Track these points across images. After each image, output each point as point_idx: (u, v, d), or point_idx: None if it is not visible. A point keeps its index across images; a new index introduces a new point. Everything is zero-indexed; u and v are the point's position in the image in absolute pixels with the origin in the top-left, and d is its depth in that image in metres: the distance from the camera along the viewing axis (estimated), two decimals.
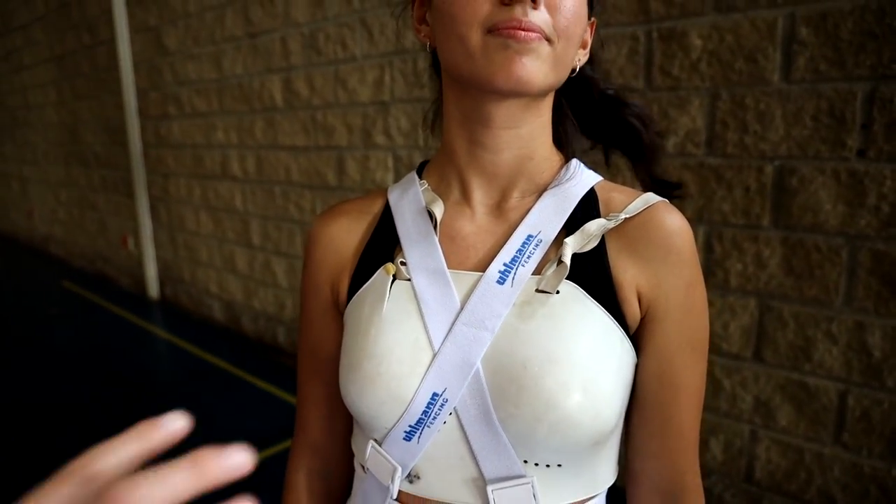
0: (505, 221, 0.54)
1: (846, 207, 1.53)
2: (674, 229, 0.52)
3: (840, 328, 1.58)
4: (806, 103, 1.55)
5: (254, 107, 3.35)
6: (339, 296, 0.59)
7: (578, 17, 0.48)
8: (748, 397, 1.77)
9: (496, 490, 0.49)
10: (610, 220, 0.51)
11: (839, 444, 1.63)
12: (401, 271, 0.54)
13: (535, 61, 0.46)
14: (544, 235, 0.52)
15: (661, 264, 0.51)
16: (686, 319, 0.52)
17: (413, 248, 0.54)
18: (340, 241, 0.59)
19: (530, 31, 0.45)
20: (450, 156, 0.56)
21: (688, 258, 0.52)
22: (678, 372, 0.52)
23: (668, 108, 1.78)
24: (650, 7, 1.78)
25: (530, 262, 0.51)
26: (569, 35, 0.48)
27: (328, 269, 0.59)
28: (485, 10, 0.46)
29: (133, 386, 3.13)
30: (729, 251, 1.74)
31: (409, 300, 0.52)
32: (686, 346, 0.53)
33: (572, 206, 0.53)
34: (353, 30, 2.72)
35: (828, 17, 1.49)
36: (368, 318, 0.53)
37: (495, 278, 0.51)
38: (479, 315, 0.50)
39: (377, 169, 2.76)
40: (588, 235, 0.51)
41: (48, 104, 5.77)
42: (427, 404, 0.50)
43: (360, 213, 0.60)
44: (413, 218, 0.56)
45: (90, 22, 4.70)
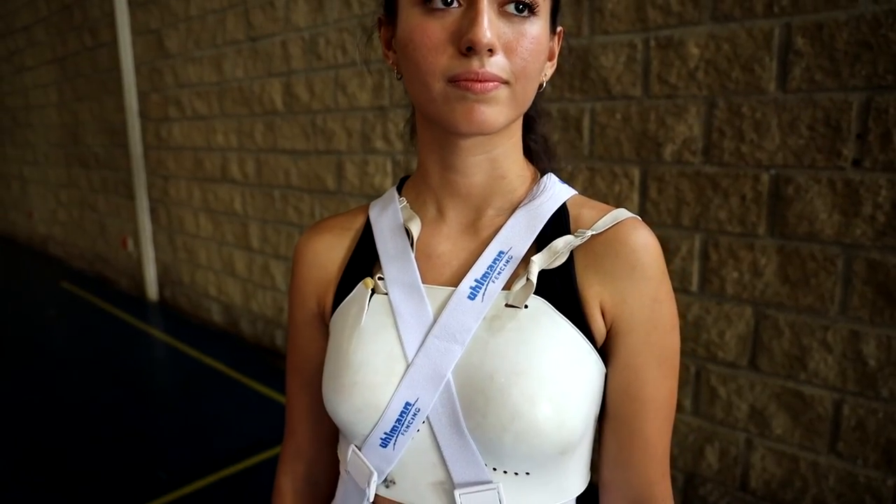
0: (477, 238, 0.56)
1: (842, 216, 1.53)
2: (639, 245, 0.53)
3: (835, 337, 1.58)
4: (802, 113, 1.56)
5: (254, 110, 3.36)
6: (324, 309, 0.62)
7: (537, 52, 0.50)
8: (743, 405, 1.77)
9: (463, 494, 0.52)
10: (577, 236, 0.53)
11: (834, 454, 1.63)
12: (378, 286, 0.56)
13: (493, 107, 0.48)
14: (515, 252, 0.54)
15: (625, 280, 0.52)
16: (652, 335, 0.53)
17: (390, 263, 0.57)
18: (325, 256, 0.61)
19: (487, 81, 0.47)
20: (424, 176, 0.58)
21: (653, 274, 0.53)
22: (644, 386, 0.54)
23: (665, 117, 1.79)
24: (648, 16, 1.79)
25: (500, 277, 0.53)
26: (527, 73, 0.49)
27: (313, 284, 0.62)
28: (444, 61, 0.48)
29: (131, 388, 3.13)
30: (725, 259, 1.74)
31: (385, 313, 0.55)
32: (653, 360, 0.54)
33: (543, 223, 0.55)
34: (354, 35, 2.73)
35: (823, 28, 1.49)
36: (349, 330, 0.56)
37: (466, 294, 0.53)
38: (450, 329, 0.52)
39: (376, 173, 2.77)
40: (555, 252, 0.53)
41: (49, 105, 5.79)
42: (400, 413, 0.52)
43: (342, 230, 0.62)
44: (391, 235, 0.58)
45: (92, 24, 4.71)
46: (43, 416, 2.80)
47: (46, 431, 2.65)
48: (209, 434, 2.61)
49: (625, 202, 1.91)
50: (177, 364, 3.58)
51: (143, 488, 2.18)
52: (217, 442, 2.52)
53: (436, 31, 0.48)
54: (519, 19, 0.48)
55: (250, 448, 2.43)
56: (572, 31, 1.94)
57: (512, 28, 0.48)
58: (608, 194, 1.94)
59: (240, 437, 2.54)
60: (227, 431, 2.62)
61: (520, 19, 0.48)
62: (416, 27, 0.48)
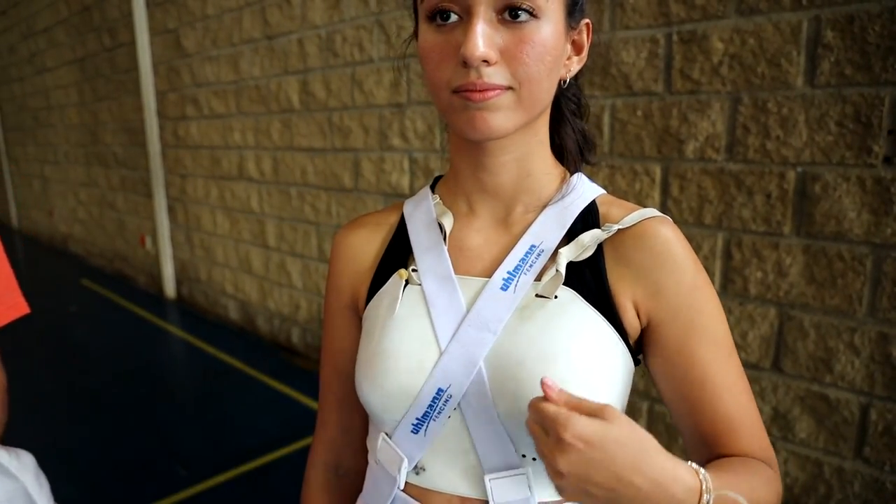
0: (509, 234, 0.58)
1: (871, 216, 1.49)
2: (667, 237, 0.55)
3: (863, 339, 1.54)
4: (830, 108, 1.52)
5: (271, 108, 3.37)
6: (358, 300, 0.64)
7: (541, 55, 0.50)
8: (766, 408, 1.74)
9: (493, 479, 0.53)
10: (604, 230, 0.55)
11: (860, 459, 1.58)
12: (412, 277, 0.58)
13: (495, 113, 0.50)
14: (545, 246, 0.56)
15: (658, 272, 0.54)
16: (697, 320, 0.54)
17: (424, 256, 0.59)
18: (360, 250, 0.64)
19: (487, 90, 0.49)
20: (456, 176, 0.61)
21: (686, 263, 0.54)
22: (705, 367, 0.54)
23: (688, 113, 1.76)
24: (670, 10, 1.75)
25: (532, 270, 0.55)
26: (532, 77, 0.50)
27: (349, 277, 0.64)
28: (448, 73, 0.51)
29: (149, 383, 3.16)
30: (749, 259, 1.71)
31: (419, 303, 0.57)
32: (705, 343, 0.54)
33: (572, 219, 0.57)
34: (370, 32, 2.72)
35: (855, 20, 1.45)
36: (383, 319, 0.58)
37: (499, 285, 0.55)
38: (483, 318, 0.54)
39: (393, 171, 2.76)
40: (583, 245, 0.55)
41: (69, 105, 5.87)
42: (433, 399, 0.54)
43: (377, 225, 0.65)
44: (425, 229, 0.60)
45: (111, 25, 4.77)
46: (63, 410, 2.83)
47: (66, 425, 2.68)
48: (226, 430, 2.62)
49: (646, 200, 1.88)
50: (194, 360, 3.61)
51: (162, 483, 2.20)
52: (234, 438, 2.53)
53: (440, 46, 0.51)
54: (518, 25, 0.49)
55: (267, 445, 2.43)
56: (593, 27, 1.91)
57: (512, 34, 0.49)
58: (628, 192, 1.91)
59: (256, 434, 2.54)
60: (243, 428, 2.63)
61: (519, 25, 0.49)
62: (426, 42, 0.52)
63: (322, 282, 3.26)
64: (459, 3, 0.49)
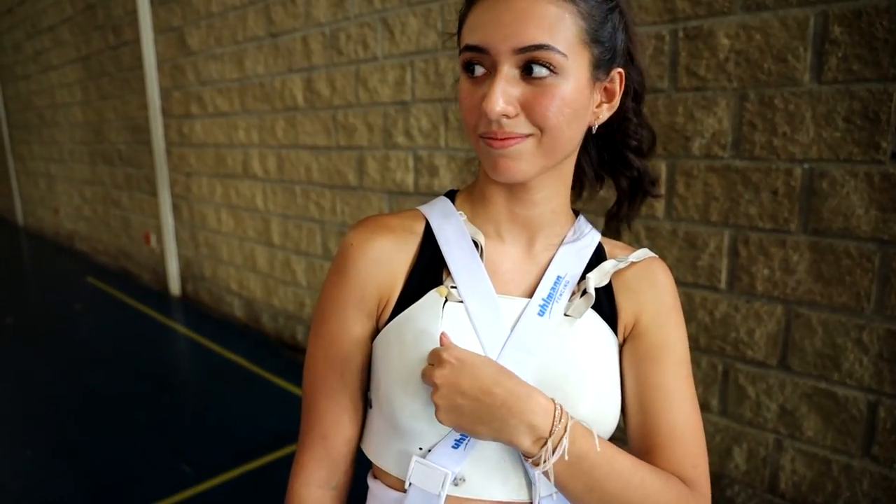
0: (535, 263, 0.64)
1: (879, 212, 1.48)
2: (662, 273, 0.66)
3: (871, 337, 1.53)
4: (838, 104, 1.51)
5: (275, 106, 3.37)
6: (382, 308, 0.62)
7: (562, 107, 0.54)
8: (773, 406, 1.73)
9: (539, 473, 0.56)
10: (620, 261, 0.64)
11: (868, 457, 1.58)
12: (452, 294, 0.60)
13: (517, 160, 0.55)
14: (570, 277, 0.63)
15: (648, 293, 0.64)
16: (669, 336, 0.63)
17: (462, 273, 0.61)
18: (391, 257, 0.62)
19: (507, 138, 0.54)
20: (486, 202, 0.64)
21: (670, 291, 0.66)
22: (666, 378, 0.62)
23: (694, 109, 1.75)
24: (676, 6, 1.74)
25: (562, 298, 0.62)
26: (552, 126, 0.54)
27: (376, 283, 0.61)
28: (476, 120, 0.56)
29: (153, 381, 3.17)
30: (755, 256, 1.70)
31: (463, 321, 0.59)
32: (671, 358, 0.63)
33: (589, 254, 0.65)
34: (375, 30, 2.72)
35: (862, 15, 1.44)
36: (424, 333, 0.58)
37: (537, 311, 0.60)
38: (524, 342, 0.59)
39: (397, 169, 2.76)
40: (604, 273, 0.63)
41: (74, 104, 5.88)
42: None
43: (405, 233, 0.63)
44: (459, 245, 0.62)
45: (115, 23, 4.77)
46: (68, 408, 2.85)
47: (71, 423, 2.69)
48: (231, 428, 2.63)
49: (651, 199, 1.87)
50: (198, 358, 3.62)
51: (167, 481, 2.20)
52: (239, 436, 2.54)
53: (471, 94, 0.56)
54: (539, 80, 0.53)
55: (272, 443, 2.44)
56: None
57: (532, 89, 0.53)
58: None
59: (261, 432, 2.55)
60: (248, 426, 2.64)
61: (540, 80, 0.53)
62: (461, 89, 0.57)
63: None
64: (486, 59, 0.54)
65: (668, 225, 1.86)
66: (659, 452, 0.60)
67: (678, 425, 0.61)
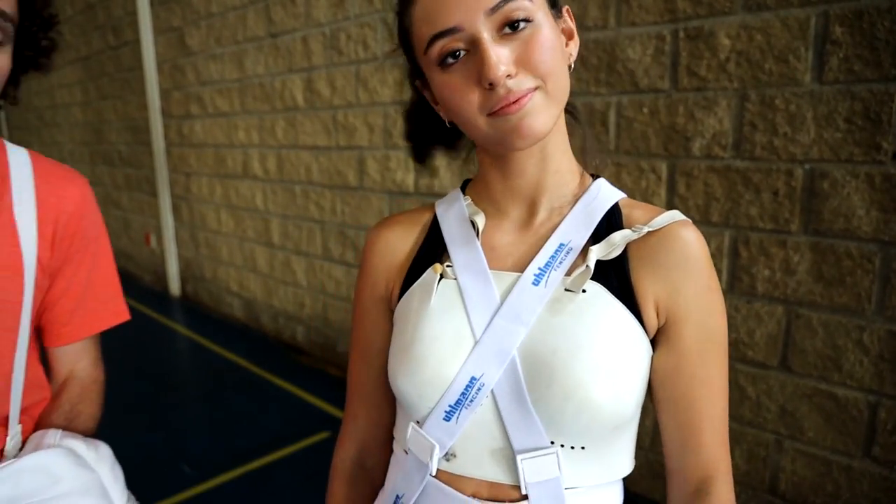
0: (535, 234, 0.62)
1: (880, 213, 1.48)
2: (690, 240, 0.58)
3: (872, 338, 1.53)
4: (839, 105, 1.51)
5: (275, 106, 3.37)
6: (392, 293, 0.67)
7: (549, 49, 0.54)
8: (773, 406, 1.73)
9: (525, 459, 0.56)
10: (635, 231, 0.58)
11: (869, 458, 1.57)
12: (447, 272, 0.61)
13: (536, 115, 0.54)
14: (574, 244, 0.59)
15: (679, 271, 0.57)
16: (708, 320, 0.58)
17: (458, 251, 0.62)
18: (395, 246, 0.67)
19: (520, 98, 0.53)
20: (486, 184, 0.65)
21: (704, 265, 0.58)
22: (708, 368, 0.58)
23: (694, 110, 1.75)
24: (677, 6, 1.74)
25: (561, 266, 0.58)
26: (551, 70, 0.54)
27: (383, 271, 0.67)
28: (477, 100, 0.54)
29: (153, 381, 3.17)
30: (756, 257, 1.70)
31: (454, 296, 0.60)
32: (712, 344, 0.58)
33: (598, 219, 0.60)
34: (375, 30, 2.72)
35: (863, 16, 1.44)
36: (417, 310, 0.61)
37: (531, 280, 0.58)
38: (516, 311, 0.57)
39: (398, 169, 2.75)
40: (612, 244, 0.58)
41: (74, 104, 5.88)
42: (466, 386, 0.56)
43: (411, 223, 0.68)
44: (458, 226, 0.64)
45: (115, 23, 4.77)
46: None
47: None
48: (231, 429, 2.62)
49: (652, 198, 1.87)
50: (198, 358, 3.61)
51: (167, 482, 2.20)
52: (239, 437, 2.53)
53: (460, 81, 0.54)
54: (519, 34, 0.53)
55: (271, 443, 2.43)
56: (598, 24, 1.90)
57: (517, 43, 0.53)
58: (635, 189, 1.90)
59: (261, 433, 2.55)
60: (248, 426, 2.64)
61: (520, 33, 0.53)
62: (443, 85, 0.55)
63: (326, 280, 3.26)
64: (461, 38, 0.53)
65: None
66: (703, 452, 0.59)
67: (717, 420, 0.59)
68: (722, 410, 0.59)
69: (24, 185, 0.78)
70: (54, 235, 0.79)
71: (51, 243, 0.79)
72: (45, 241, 0.78)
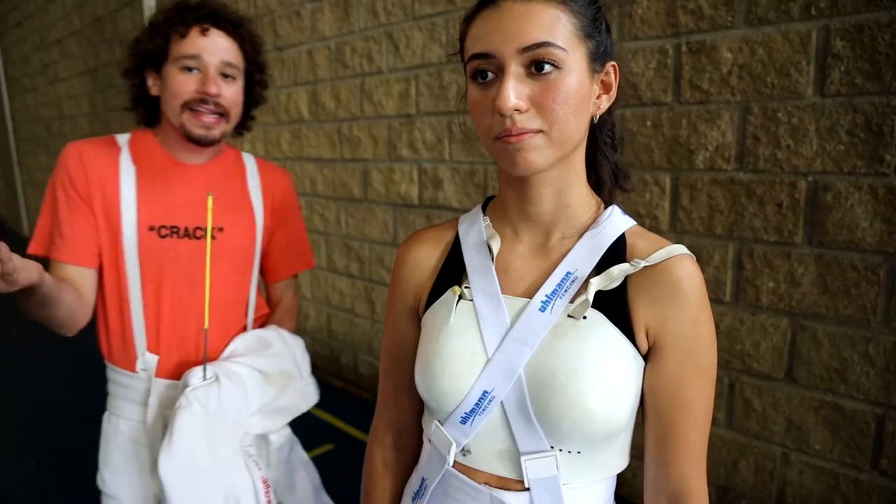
0: (547, 259, 0.68)
1: (884, 224, 1.48)
2: (684, 275, 0.63)
3: (878, 349, 1.53)
4: (841, 117, 1.51)
5: (280, 119, 3.39)
6: (420, 305, 0.75)
7: (565, 100, 0.59)
8: (780, 419, 1.72)
9: (528, 460, 0.64)
10: (633, 265, 0.63)
11: (877, 471, 1.57)
12: (465, 293, 0.68)
13: (531, 152, 0.60)
14: (579, 273, 0.65)
15: (668, 303, 0.63)
16: (693, 350, 0.63)
17: (475, 275, 0.69)
18: (422, 263, 0.75)
19: (521, 134, 0.59)
20: (504, 205, 0.71)
21: (693, 299, 0.63)
22: (686, 392, 0.64)
23: (697, 123, 1.76)
24: (679, 20, 1.76)
25: (567, 294, 0.64)
26: (560, 120, 0.59)
27: (412, 285, 0.75)
28: (489, 122, 0.60)
29: None
30: (760, 269, 1.70)
31: (470, 316, 0.67)
32: (693, 371, 0.64)
33: (603, 250, 0.65)
34: (379, 43, 2.74)
35: (864, 30, 1.45)
36: (438, 328, 0.68)
37: (538, 306, 0.64)
38: (523, 334, 0.64)
39: (402, 181, 2.77)
40: (611, 277, 0.63)
41: (81, 115, 5.93)
42: (479, 398, 0.64)
43: (436, 242, 0.75)
44: (476, 250, 0.70)
45: (122, 36, 4.82)
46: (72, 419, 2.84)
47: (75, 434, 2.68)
48: None
49: (655, 210, 1.88)
50: None
51: None
52: None
53: (482, 101, 0.61)
54: (544, 76, 0.58)
55: None
56: None
57: (539, 85, 0.58)
58: (638, 202, 1.91)
59: None
60: None
61: (545, 76, 0.58)
62: (472, 98, 0.63)
63: (331, 292, 3.27)
64: (493, 63, 0.59)
65: (672, 237, 1.86)
66: (674, 466, 0.65)
67: (697, 443, 0.65)
68: (697, 433, 0.64)
69: (253, 176, 1.21)
70: (272, 208, 1.21)
71: (270, 213, 1.21)
72: (267, 211, 1.20)
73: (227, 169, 1.18)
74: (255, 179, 1.20)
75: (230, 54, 1.08)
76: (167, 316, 1.10)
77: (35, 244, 1.09)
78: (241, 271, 1.16)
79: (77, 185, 1.06)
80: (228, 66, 1.08)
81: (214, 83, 1.05)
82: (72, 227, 1.06)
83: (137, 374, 1.12)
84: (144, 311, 1.10)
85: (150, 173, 1.10)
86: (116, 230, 1.07)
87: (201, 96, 1.05)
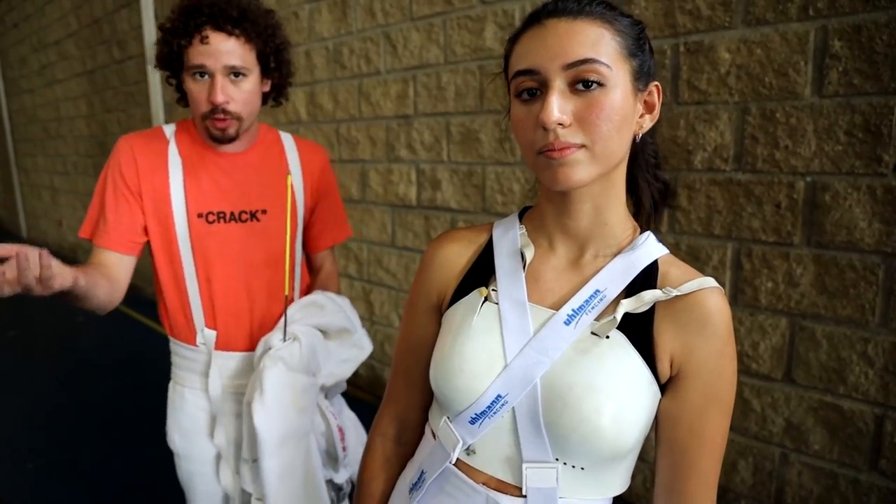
0: (579, 275, 0.68)
1: (882, 225, 1.48)
2: (713, 309, 0.63)
3: (876, 350, 1.53)
4: (839, 118, 1.51)
5: (278, 120, 3.39)
6: (443, 302, 0.75)
7: (608, 117, 0.59)
8: (779, 419, 1.72)
9: (529, 468, 0.64)
10: (665, 293, 0.63)
11: (876, 471, 1.57)
12: (491, 296, 0.68)
13: (573, 167, 0.60)
14: (608, 293, 0.65)
15: (696, 335, 0.63)
16: (715, 382, 0.63)
17: (504, 280, 0.69)
18: (451, 261, 0.75)
19: (564, 148, 0.59)
20: (542, 216, 0.71)
21: (721, 333, 0.63)
22: (705, 424, 0.64)
23: (696, 123, 1.76)
24: (677, 21, 1.76)
25: (593, 311, 0.64)
26: (603, 136, 0.59)
27: (438, 282, 0.76)
28: (532, 137, 0.61)
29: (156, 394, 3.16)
30: (759, 269, 1.70)
31: (494, 319, 0.67)
32: (714, 404, 0.64)
33: (635, 273, 0.65)
34: (377, 44, 2.74)
35: (862, 30, 1.45)
36: (459, 326, 0.69)
37: (563, 319, 0.64)
38: (545, 345, 0.64)
39: (400, 182, 2.77)
40: (641, 301, 0.63)
41: (79, 117, 5.93)
42: (492, 401, 0.64)
43: (469, 242, 0.75)
44: (508, 255, 0.70)
45: (120, 38, 4.82)
46: (70, 421, 2.84)
47: (74, 436, 2.68)
48: None
49: None
50: None
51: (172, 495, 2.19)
52: None
53: (526, 117, 0.62)
54: (588, 93, 0.59)
55: None
56: None
57: (583, 101, 0.59)
58: None
59: None
60: None
61: (589, 92, 0.59)
62: (516, 115, 0.63)
63: None
64: (538, 80, 0.60)
65: (671, 238, 1.86)
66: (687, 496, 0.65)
67: (710, 473, 0.65)
68: (712, 464, 0.65)
69: (292, 154, 1.28)
70: (312, 186, 1.31)
71: (310, 192, 1.31)
72: (307, 187, 1.30)
73: (265, 153, 1.26)
74: (294, 160, 1.28)
75: (233, 56, 1.10)
76: (220, 295, 1.20)
77: (84, 228, 1.19)
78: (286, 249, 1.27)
79: (127, 177, 1.14)
80: (234, 68, 1.11)
81: (220, 91, 1.09)
82: (116, 215, 1.15)
83: (198, 348, 1.23)
84: (200, 291, 1.20)
85: (195, 164, 1.18)
86: (168, 219, 1.16)
87: (211, 107, 1.11)
